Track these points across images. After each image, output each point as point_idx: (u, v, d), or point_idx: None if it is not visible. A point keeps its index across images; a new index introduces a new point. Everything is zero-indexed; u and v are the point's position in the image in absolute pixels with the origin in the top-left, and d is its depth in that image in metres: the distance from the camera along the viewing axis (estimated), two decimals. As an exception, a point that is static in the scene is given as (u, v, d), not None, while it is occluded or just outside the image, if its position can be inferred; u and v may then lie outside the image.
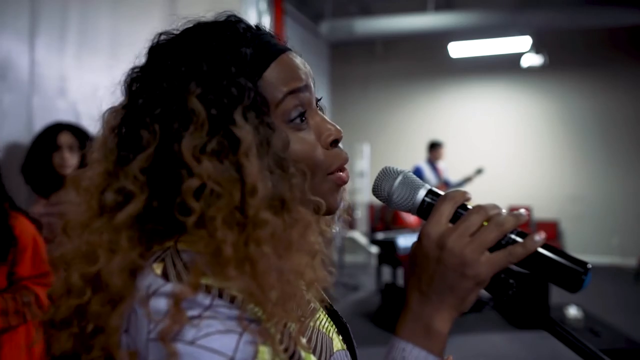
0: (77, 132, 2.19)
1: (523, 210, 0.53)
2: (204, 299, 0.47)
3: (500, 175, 7.52)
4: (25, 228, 1.72)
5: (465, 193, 0.56)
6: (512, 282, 0.54)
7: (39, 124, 2.33)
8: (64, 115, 2.51)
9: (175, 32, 0.58)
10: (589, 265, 0.51)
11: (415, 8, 6.46)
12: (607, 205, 7.40)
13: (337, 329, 0.65)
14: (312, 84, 0.61)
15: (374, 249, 6.48)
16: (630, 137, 7.33)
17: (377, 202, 7.18)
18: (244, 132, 0.51)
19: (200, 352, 0.45)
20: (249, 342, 0.47)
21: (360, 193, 7.27)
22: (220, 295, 0.48)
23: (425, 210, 0.58)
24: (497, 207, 0.54)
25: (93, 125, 0.60)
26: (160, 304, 0.47)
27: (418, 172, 5.52)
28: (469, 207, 0.55)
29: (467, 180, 5.93)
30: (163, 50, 0.57)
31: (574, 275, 0.51)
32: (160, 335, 0.45)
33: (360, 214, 7.45)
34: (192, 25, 0.58)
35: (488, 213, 0.53)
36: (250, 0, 4.90)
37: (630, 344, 3.49)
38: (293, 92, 0.57)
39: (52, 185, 2.14)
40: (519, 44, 6.60)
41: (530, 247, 0.51)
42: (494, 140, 7.98)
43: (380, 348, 0.58)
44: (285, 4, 5.71)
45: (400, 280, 5.14)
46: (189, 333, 0.46)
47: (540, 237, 0.52)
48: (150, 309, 0.47)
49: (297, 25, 6.13)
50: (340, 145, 0.62)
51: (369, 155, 7.43)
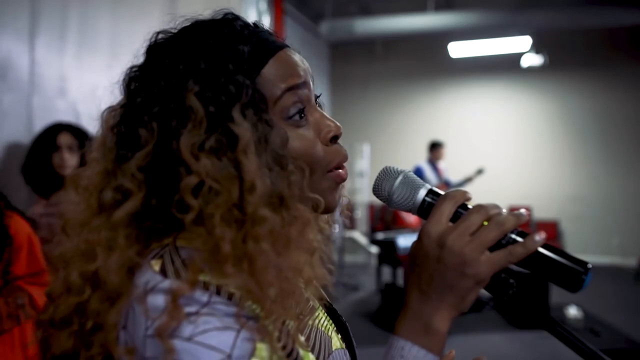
0: (77, 132, 2.19)
1: (523, 210, 0.53)
2: (202, 296, 0.47)
3: (500, 175, 7.52)
4: (21, 227, 1.71)
5: (466, 193, 0.56)
6: (512, 281, 0.54)
7: (39, 124, 2.33)
8: (64, 115, 2.51)
9: (173, 30, 0.58)
10: (590, 265, 0.51)
11: (415, 8, 6.46)
12: (607, 205, 7.39)
13: (336, 328, 0.65)
14: (310, 81, 0.60)
15: (374, 249, 6.48)
16: (630, 137, 7.32)
17: (377, 202, 7.19)
18: (242, 129, 0.51)
19: (198, 348, 0.45)
20: (247, 339, 0.47)
21: (360, 193, 7.27)
22: (218, 292, 0.48)
23: (426, 210, 0.58)
24: (497, 206, 0.54)
25: (93, 125, 0.60)
26: (158, 301, 0.47)
27: (419, 172, 5.53)
28: (470, 206, 0.55)
29: (467, 181, 5.93)
30: (161, 49, 0.57)
31: (575, 275, 0.51)
32: (158, 332, 0.45)
33: (360, 214, 7.44)
34: (189, 24, 0.58)
35: (488, 212, 0.53)
36: (250, 0, 4.90)
37: (630, 344, 3.49)
38: (291, 88, 0.57)
39: (52, 186, 2.14)
40: (519, 44, 6.60)
41: (531, 246, 0.51)
42: (494, 140, 7.98)
43: (380, 348, 0.58)
44: (285, 4, 5.71)
45: (400, 280, 5.14)
46: (187, 329, 0.46)
47: (541, 237, 0.52)
48: (148, 305, 0.47)
49: (297, 25, 6.13)
50: (340, 142, 0.62)
51: (369, 155, 7.42)
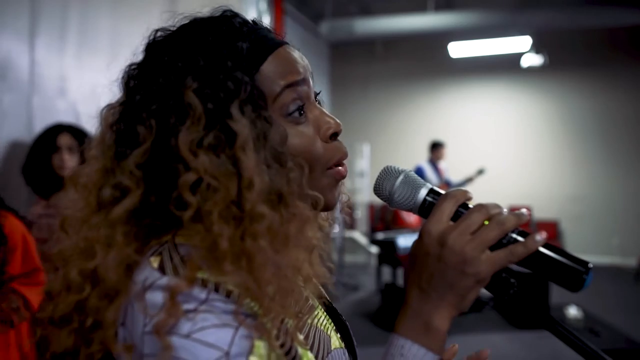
0: (76, 133, 2.18)
1: (524, 210, 0.53)
2: (200, 293, 0.47)
3: (501, 175, 7.52)
4: (15, 227, 1.71)
5: (467, 192, 0.55)
6: (513, 281, 0.54)
7: (39, 124, 2.33)
8: (64, 116, 2.51)
9: (172, 28, 0.58)
10: (590, 265, 0.51)
11: (415, 8, 6.46)
12: (607, 205, 7.39)
13: (335, 327, 0.65)
14: (310, 78, 0.60)
15: (374, 249, 6.48)
16: (630, 137, 7.32)
17: (377, 202, 7.20)
18: (241, 125, 0.51)
19: (196, 345, 0.45)
20: (245, 336, 0.47)
21: (361, 193, 7.26)
22: (217, 290, 0.48)
23: (427, 209, 0.58)
24: (498, 206, 0.53)
25: (93, 126, 0.60)
26: (156, 297, 0.47)
27: (419, 171, 5.53)
28: (470, 206, 0.55)
29: (468, 181, 5.93)
30: (159, 47, 0.57)
31: (575, 275, 0.50)
32: (156, 329, 0.45)
33: (360, 214, 7.44)
34: (188, 21, 0.58)
35: (489, 212, 0.53)
36: (250, 0, 4.90)
37: (630, 344, 3.49)
38: (291, 85, 0.56)
39: (51, 187, 2.14)
40: (519, 44, 6.60)
41: (531, 246, 0.51)
42: (494, 140, 7.98)
43: (380, 348, 0.58)
44: (285, 4, 5.71)
45: (400, 280, 5.14)
46: (185, 326, 0.46)
47: (542, 236, 0.51)
48: (146, 302, 0.47)
49: (297, 25, 6.13)
50: (339, 140, 0.61)
51: (369, 155, 7.42)
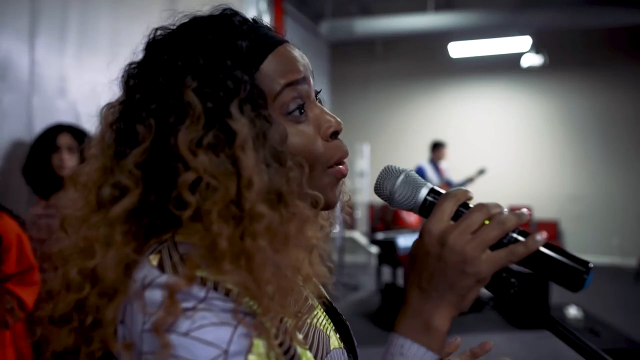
0: (76, 133, 2.18)
1: (525, 210, 0.53)
2: (199, 292, 0.47)
3: (501, 175, 7.52)
4: (10, 226, 1.70)
5: (467, 192, 0.55)
6: (513, 281, 0.54)
7: (39, 124, 2.33)
8: (64, 116, 2.50)
9: (172, 27, 0.58)
10: (591, 265, 0.51)
11: (415, 8, 6.45)
12: (607, 205, 7.39)
13: (335, 327, 0.65)
14: (310, 76, 0.60)
15: (374, 249, 6.47)
16: (630, 137, 7.32)
17: (377, 202, 7.20)
18: (240, 125, 0.50)
19: (194, 343, 0.45)
20: (244, 334, 0.47)
21: (361, 193, 7.26)
22: (216, 288, 0.48)
23: (427, 209, 0.58)
24: (499, 206, 0.53)
25: (93, 126, 0.60)
26: (155, 295, 0.47)
27: (420, 171, 5.54)
28: (471, 205, 0.55)
29: (469, 181, 5.93)
30: (159, 45, 0.57)
31: (576, 274, 0.50)
32: (154, 327, 0.45)
33: (360, 214, 7.44)
34: (188, 20, 0.58)
35: (490, 211, 0.52)
36: (250, 0, 4.90)
37: (630, 344, 3.49)
38: (291, 84, 0.56)
39: (51, 187, 2.13)
40: (519, 44, 6.59)
41: (532, 246, 0.51)
42: (494, 140, 7.97)
43: (380, 348, 0.58)
44: (285, 4, 5.70)
45: (400, 280, 5.14)
46: (183, 325, 0.46)
47: (542, 236, 0.51)
48: (145, 300, 0.47)
49: (297, 25, 6.13)
50: (339, 139, 0.61)
51: (369, 155, 7.42)
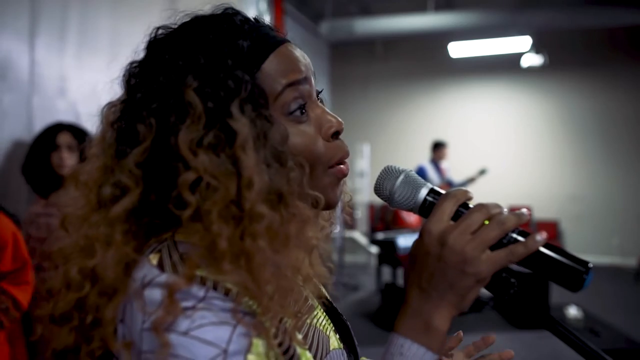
0: (76, 132, 2.18)
1: (525, 210, 0.53)
2: (199, 291, 0.47)
3: (501, 175, 7.52)
4: (5, 224, 1.70)
5: (467, 192, 0.55)
6: (513, 281, 0.54)
7: (39, 124, 2.33)
8: (64, 115, 2.50)
9: (173, 26, 0.58)
10: (591, 265, 0.51)
11: (415, 8, 6.45)
12: (607, 205, 7.39)
13: (335, 328, 0.65)
14: (312, 76, 0.60)
15: (374, 249, 6.47)
16: (630, 137, 7.32)
17: (377, 202, 7.20)
18: (241, 124, 0.50)
19: (194, 342, 0.45)
20: (243, 334, 0.47)
21: (361, 193, 7.26)
22: (215, 288, 0.48)
23: (427, 209, 0.58)
24: (498, 206, 0.53)
25: (93, 125, 0.60)
26: (155, 295, 0.47)
27: (421, 171, 5.55)
28: (471, 205, 0.55)
29: (470, 181, 5.93)
30: (161, 45, 0.57)
31: (576, 275, 0.50)
32: (154, 326, 0.45)
33: (360, 214, 7.44)
34: (189, 19, 0.58)
35: (490, 211, 0.52)
36: (250, 0, 4.90)
37: (630, 344, 3.49)
38: (292, 84, 0.56)
39: (50, 185, 2.14)
40: (519, 44, 6.59)
41: (532, 246, 0.51)
42: (494, 140, 7.97)
43: (380, 348, 0.58)
44: (285, 4, 5.70)
45: (400, 280, 5.14)
46: (183, 324, 0.46)
47: (542, 236, 0.51)
48: (145, 299, 0.47)
49: (297, 25, 6.12)
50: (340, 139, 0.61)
51: (369, 155, 7.42)
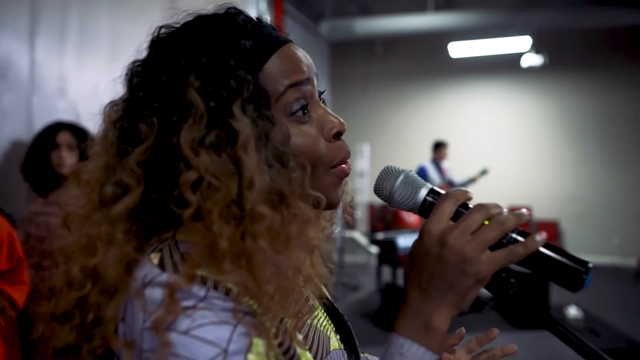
0: (76, 131, 2.18)
1: (525, 210, 0.53)
2: (199, 290, 0.47)
3: (501, 175, 7.52)
4: (0, 224, 1.69)
5: (467, 192, 0.55)
6: (513, 281, 0.54)
7: (39, 124, 2.33)
8: (64, 115, 2.50)
9: (176, 25, 0.58)
10: (590, 265, 0.51)
11: (415, 8, 6.45)
12: (607, 205, 7.39)
13: (335, 328, 0.65)
14: (314, 77, 0.60)
15: (374, 249, 6.47)
16: (630, 137, 7.32)
17: (377, 202, 7.20)
18: (242, 125, 0.51)
19: (194, 342, 0.45)
20: (243, 334, 0.47)
21: (361, 193, 7.26)
22: (216, 287, 0.48)
23: (427, 209, 0.58)
24: (498, 206, 0.53)
25: (93, 125, 0.60)
26: (156, 294, 0.47)
27: (422, 171, 5.56)
28: (471, 205, 0.55)
29: (471, 181, 5.93)
30: (163, 44, 0.57)
31: (575, 275, 0.50)
32: (154, 325, 0.46)
33: (360, 214, 7.44)
34: (192, 18, 0.58)
35: (489, 212, 0.52)
36: (250, 0, 4.90)
37: (630, 344, 3.49)
38: (295, 85, 0.56)
39: (50, 184, 2.14)
40: (519, 44, 6.59)
41: (532, 246, 0.51)
42: (494, 140, 7.97)
43: (380, 348, 0.58)
44: (285, 4, 5.70)
45: (400, 280, 5.14)
46: (183, 323, 0.46)
47: (542, 237, 0.51)
48: (146, 299, 0.47)
49: (297, 25, 6.12)
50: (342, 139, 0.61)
51: (369, 155, 7.42)
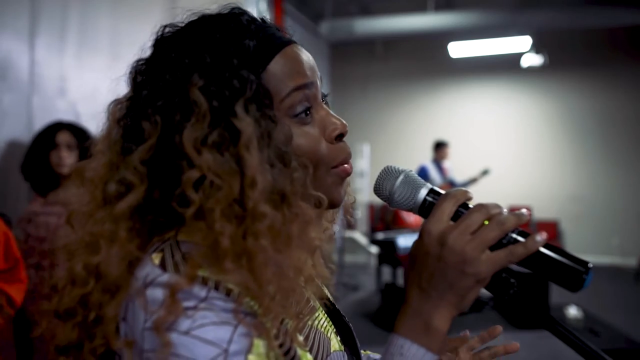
0: (76, 131, 2.18)
1: (525, 210, 0.53)
2: (200, 291, 0.47)
3: (501, 175, 7.51)
4: None
5: (467, 192, 0.55)
6: (513, 281, 0.54)
7: (39, 124, 2.32)
8: (64, 115, 2.50)
9: (180, 24, 0.59)
10: (590, 265, 0.51)
11: (415, 8, 6.45)
12: (607, 205, 7.39)
13: (336, 330, 0.65)
14: (317, 79, 0.60)
15: (374, 249, 6.47)
16: (630, 137, 7.32)
17: (377, 202, 7.20)
18: (245, 124, 0.51)
19: (195, 342, 0.45)
20: (244, 334, 0.47)
21: (361, 193, 7.26)
22: (217, 288, 0.48)
23: (427, 209, 0.58)
24: (498, 206, 0.53)
25: (93, 125, 0.61)
26: (157, 294, 0.47)
27: (423, 171, 5.56)
28: (470, 206, 0.55)
29: (472, 181, 5.93)
30: (167, 43, 0.57)
31: (575, 275, 0.50)
32: (155, 325, 0.46)
33: (360, 214, 7.44)
34: (196, 18, 0.59)
35: (489, 212, 0.52)
36: (251, 0, 4.90)
37: (630, 344, 3.48)
38: (299, 88, 0.57)
39: (49, 184, 2.14)
40: (519, 44, 6.59)
41: (531, 247, 0.51)
42: (494, 140, 7.97)
43: (380, 348, 0.58)
44: (285, 4, 5.70)
45: (400, 280, 5.14)
46: (184, 323, 0.46)
47: (542, 237, 0.51)
48: (147, 299, 0.47)
49: (297, 25, 6.12)
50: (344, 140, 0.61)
51: (369, 155, 7.42)
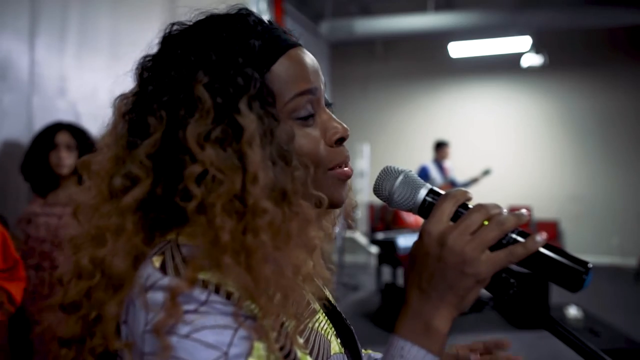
0: (75, 131, 2.17)
1: (524, 210, 0.53)
2: (200, 294, 0.48)
3: (501, 175, 7.51)
4: None
5: (467, 192, 0.56)
6: (513, 281, 0.54)
7: (39, 124, 2.32)
8: (64, 115, 2.50)
9: (188, 23, 0.60)
10: (590, 265, 0.51)
11: (415, 8, 6.46)
12: (607, 205, 7.39)
13: (336, 332, 0.65)
14: (321, 84, 0.61)
15: (374, 249, 6.48)
16: (630, 137, 7.32)
17: (377, 202, 7.19)
18: (248, 121, 0.51)
19: (195, 345, 0.46)
20: (244, 337, 0.47)
21: (361, 193, 7.26)
22: (217, 291, 0.48)
23: (427, 210, 0.58)
24: (498, 206, 0.53)
25: (93, 125, 0.61)
26: (157, 297, 0.47)
27: (424, 171, 5.57)
28: (470, 206, 0.55)
29: (473, 181, 5.93)
30: (174, 40, 0.58)
31: (575, 275, 0.50)
32: (156, 328, 0.46)
33: (360, 214, 7.44)
34: (204, 17, 0.60)
35: (489, 212, 0.53)
36: (251, 0, 4.90)
37: (630, 344, 3.48)
38: (302, 93, 0.58)
39: (49, 185, 2.14)
40: (519, 44, 6.60)
41: (531, 247, 0.51)
42: (494, 140, 7.98)
43: (380, 348, 0.58)
44: (285, 4, 5.70)
45: (400, 280, 5.14)
46: (184, 327, 0.46)
47: (542, 237, 0.51)
48: (147, 302, 0.48)
49: (297, 25, 6.12)
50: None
51: (369, 155, 7.42)
